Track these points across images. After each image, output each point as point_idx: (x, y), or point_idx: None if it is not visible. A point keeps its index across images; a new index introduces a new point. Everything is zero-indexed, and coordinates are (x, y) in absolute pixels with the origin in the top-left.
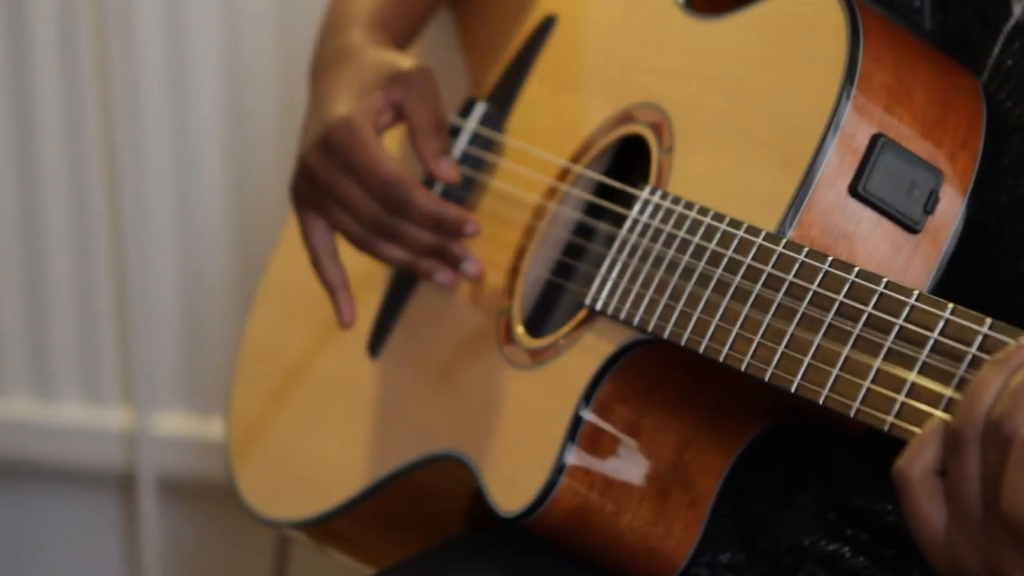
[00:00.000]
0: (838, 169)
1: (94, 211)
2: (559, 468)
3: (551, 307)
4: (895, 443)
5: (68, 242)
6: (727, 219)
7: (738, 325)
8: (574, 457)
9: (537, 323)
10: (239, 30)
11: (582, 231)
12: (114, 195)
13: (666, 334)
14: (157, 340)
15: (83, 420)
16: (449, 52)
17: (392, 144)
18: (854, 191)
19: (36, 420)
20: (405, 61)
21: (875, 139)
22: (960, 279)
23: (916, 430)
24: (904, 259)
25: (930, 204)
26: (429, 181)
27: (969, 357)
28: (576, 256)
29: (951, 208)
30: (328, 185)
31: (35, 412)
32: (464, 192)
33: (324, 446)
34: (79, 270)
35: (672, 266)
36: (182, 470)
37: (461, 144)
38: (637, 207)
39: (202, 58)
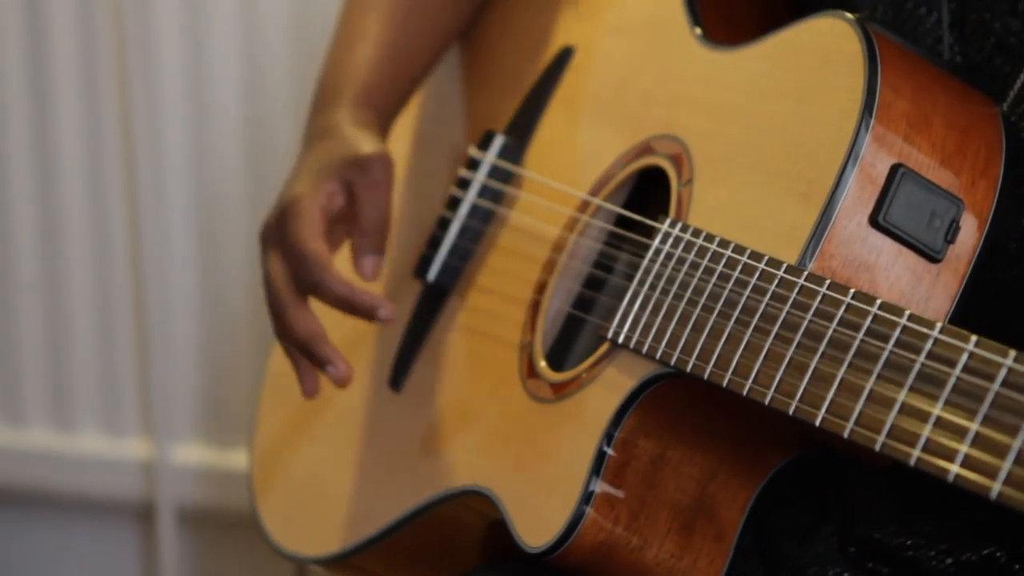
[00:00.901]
0: (858, 200)
1: (114, 243)
2: (584, 502)
3: (573, 340)
4: (915, 477)
5: (88, 274)
6: (748, 251)
7: (761, 358)
8: (599, 491)
9: (559, 356)
10: (258, 59)
11: (602, 264)
12: (135, 226)
13: (689, 368)
14: (176, 372)
15: (103, 451)
16: (466, 83)
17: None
18: (874, 221)
19: (56, 451)
20: (366, 146)
21: (895, 169)
22: (978, 301)
23: (943, 464)
24: (926, 288)
25: (951, 233)
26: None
27: (994, 390)
28: (596, 289)
29: (972, 236)
30: (264, 254)
31: (55, 443)
32: (484, 226)
33: (347, 481)
34: (99, 302)
35: (693, 299)
36: (201, 501)
37: (480, 177)
38: (657, 239)
39: (222, 87)
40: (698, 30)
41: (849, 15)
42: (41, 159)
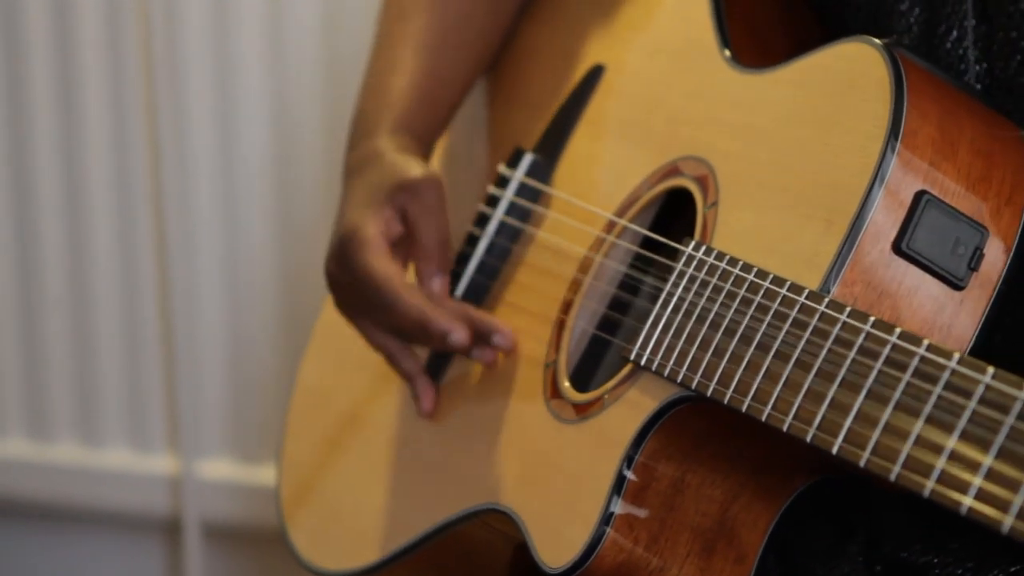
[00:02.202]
0: (882, 226)
1: (141, 258)
2: (604, 523)
3: (597, 361)
4: (928, 500)
5: (116, 288)
6: (770, 276)
7: (780, 385)
8: (619, 512)
9: (583, 376)
10: (287, 86)
11: (627, 285)
12: (161, 242)
13: (709, 392)
14: (203, 387)
15: (129, 466)
16: (495, 100)
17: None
18: (898, 248)
19: (83, 466)
20: (415, 169)
21: (919, 196)
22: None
23: (956, 496)
24: (949, 316)
25: (975, 261)
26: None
27: (1008, 424)
28: (621, 310)
29: (996, 264)
30: (350, 292)
31: (82, 458)
32: (511, 243)
33: (373, 496)
34: (126, 316)
35: (715, 323)
36: (227, 516)
37: (508, 195)
38: (681, 262)
39: (250, 110)
40: (727, 52)
41: (876, 40)
42: (68, 173)
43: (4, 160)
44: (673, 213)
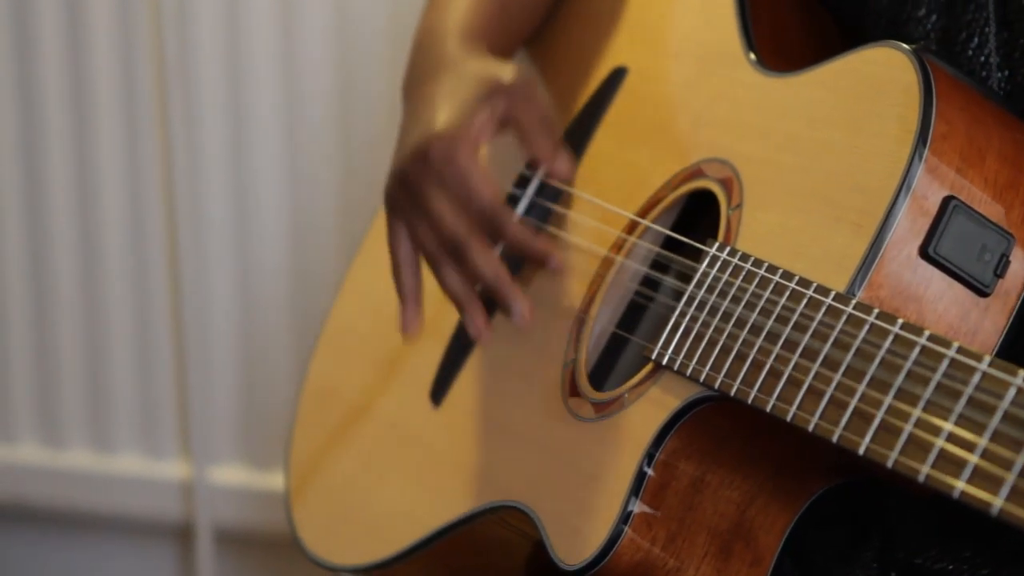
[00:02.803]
0: (909, 231)
1: (153, 264)
2: (622, 522)
3: (616, 360)
4: (958, 502)
5: (127, 295)
6: (796, 278)
7: (805, 386)
8: (637, 511)
9: (602, 375)
10: (300, 88)
11: (648, 285)
12: (173, 248)
13: (733, 392)
14: (214, 393)
15: (141, 472)
16: None
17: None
18: (924, 253)
19: (95, 472)
20: (507, 71)
21: (946, 202)
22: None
23: (986, 497)
24: (974, 322)
25: (1001, 268)
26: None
27: None
28: (642, 310)
29: (1022, 272)
30: (419, 195)
31: (94, 464)
32: None
33: (385, 492)
34: (138, 323)
35: (739, 323)
36: (239, 521)
37: (529, 194)
38: (705, 263)
39: (262, 114)
40: (752, 55)
41: (905, 45)
42: (80, 179)
43: (16, 166)
44: (695, 215)
